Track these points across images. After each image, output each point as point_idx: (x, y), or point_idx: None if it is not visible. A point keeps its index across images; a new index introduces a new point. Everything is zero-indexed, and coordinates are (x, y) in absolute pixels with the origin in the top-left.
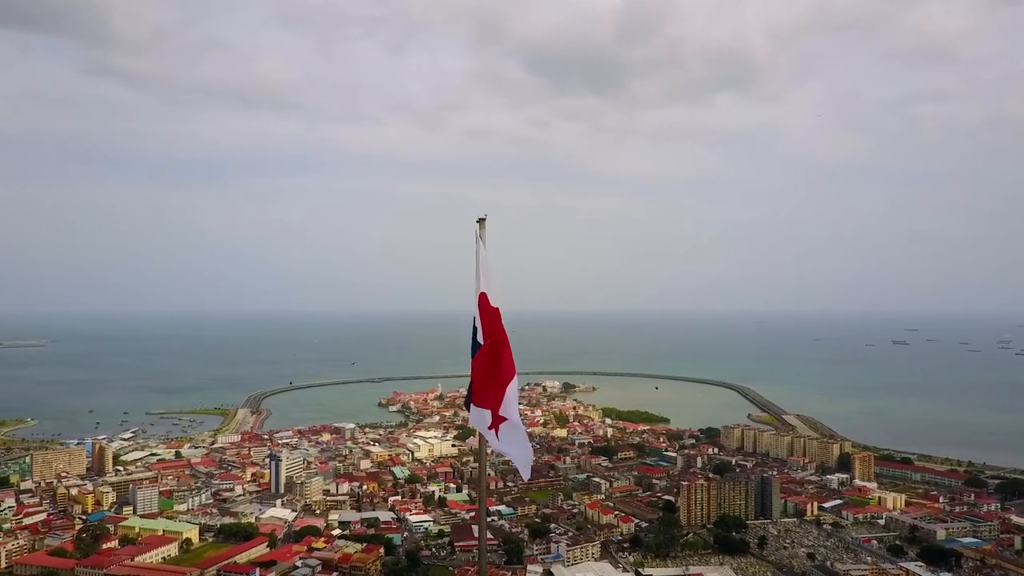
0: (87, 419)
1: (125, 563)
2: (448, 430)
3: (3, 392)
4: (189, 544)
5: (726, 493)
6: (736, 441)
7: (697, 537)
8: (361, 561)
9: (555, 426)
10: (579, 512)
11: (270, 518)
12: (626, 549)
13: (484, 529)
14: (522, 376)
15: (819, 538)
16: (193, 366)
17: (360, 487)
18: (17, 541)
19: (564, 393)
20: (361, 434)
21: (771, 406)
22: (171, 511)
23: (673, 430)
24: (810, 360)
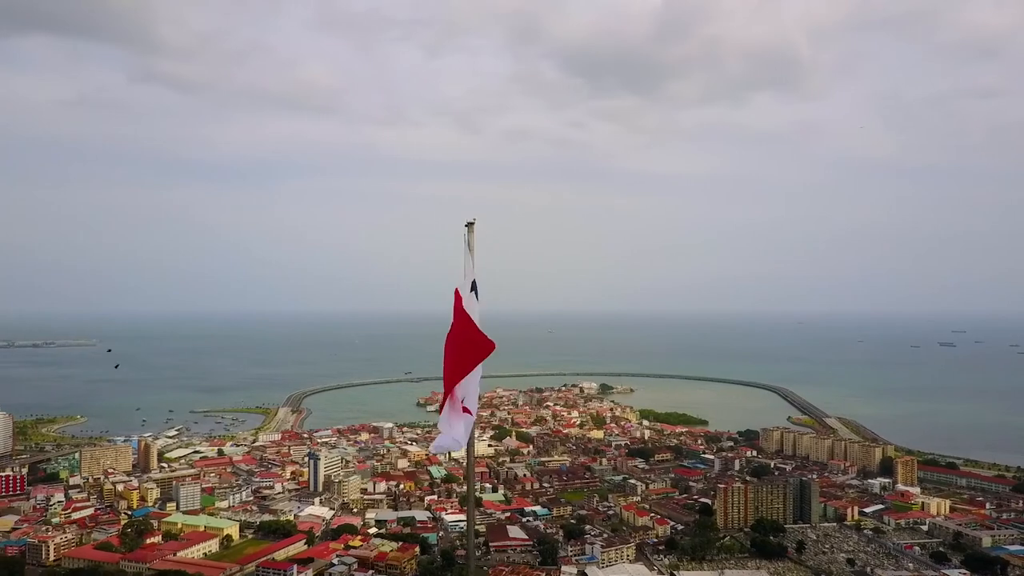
0: (134, 417)
1: (168, 558)
2: (485, 430)
3: (55, 390)
4: (229, 540)
5: (764, 496)
6: (775, 444)
7: (734, 541)
8: (396, 559)
9: (591, 427)
10: (614, 514)
11: (308, 516)
12: (661, 552)
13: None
14: (559, 377)
15: (859, 543)
16: (237, 366)
17: (397, 486)
18: (65, 535)
19: (601, 394)
20: (399, 433)
21: (812, 408)
22: (213, 508)
23: (711, 432)
24: (853, 362)
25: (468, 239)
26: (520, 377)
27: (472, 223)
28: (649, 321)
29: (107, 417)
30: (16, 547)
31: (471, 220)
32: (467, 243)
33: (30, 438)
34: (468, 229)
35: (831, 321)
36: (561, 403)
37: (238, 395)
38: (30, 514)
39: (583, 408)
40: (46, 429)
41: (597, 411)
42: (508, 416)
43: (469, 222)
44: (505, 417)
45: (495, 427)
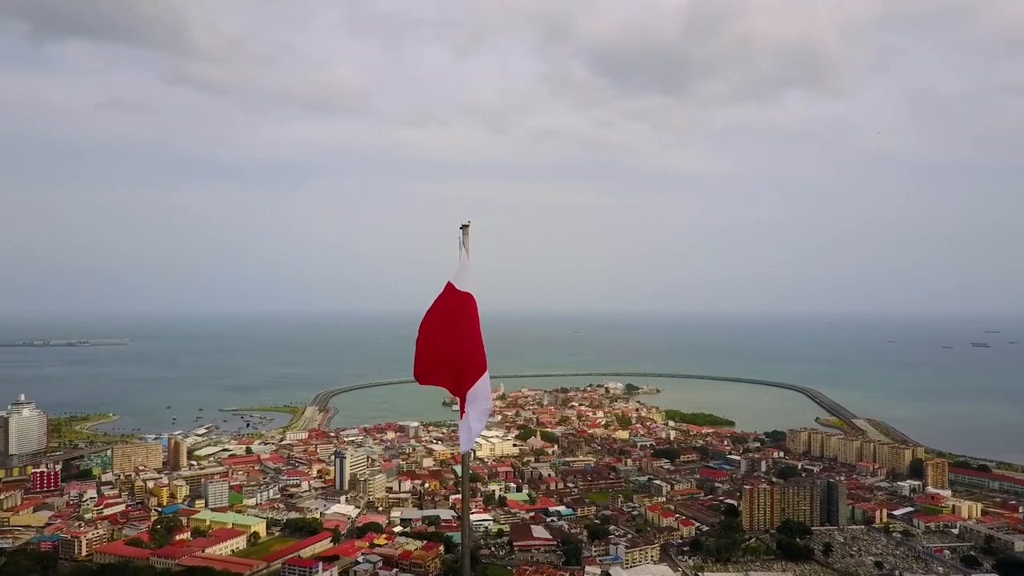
0: (165, 415)
1: (196, 554)
2: (510, 430)
3: (88, 388)
4: (257, 537)
5: (790, 498)
6: (803, 445)
7: (759, 542)
8: (421, 558)
9: (617, 428)
10: (639, 514)
11: (334, 514)
12: (686, 553)
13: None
14: (584, 377)
15: (888, 546)
16: (265, 365)
17: (422, 485)
18: (97, 531)
19: (627, 395)
20: (425, 432)
21: (840, 410)
22: (240, 505)
23: (738, 433)
24: (883, 363)
25: (463, 241)
26: (545, 377)
27: (467, 225)
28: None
29: (138, 415)
30: (50, 542)
31: (466, 223)
32: (462, 245)
33: (64, 435)
34: (463, 231)
35: (861, 321)
36: (586, 403)
37: (266, 394)
38: (63, 510)
39: (608, 408)
40: (79, 427)
41: (623, 411)
42: (533, 416)
43: (464, 224)
44: (530, 417)
45: (520, 427)
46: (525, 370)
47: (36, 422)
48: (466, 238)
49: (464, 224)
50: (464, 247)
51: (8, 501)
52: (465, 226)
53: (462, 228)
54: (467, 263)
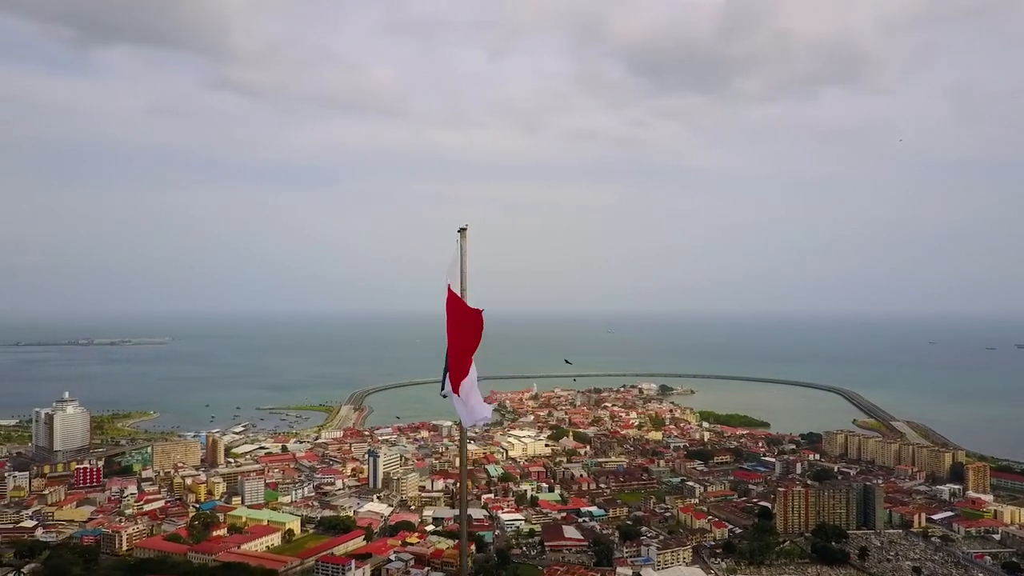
0: (203, 413)
1: (232, 550)
2: (542, 430)
3: (131, 386)
4: (291, 534)
5: (825, 501)
6: (839, 447)
7: (793, 545)
8: (452, 557)
9: (650, 429)
10: (671, 516)
11: (367, 512)
12: (718, 555)
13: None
14: (617, 378)
15: (926, 552)
16: (302, 364)
17: (454, 484)
18: (137, 526)
19: (661, 396)
20: (457, 432)
21: (878, 412)
22: (276, 502)
23: (773, 435)
24: (922, 364)
25: (461, 244)
26: (578, 377)
27: (464, 228)
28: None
29: (178, 413)
30: (92, 536)
31: (463, 226)
32: (460, 248)
33: (107, 432)
34: (461, 235)
35: (900, 321)
36: (619, 404)
37: (302, 393)
38: (105, 505)
39: (642, 409)
40: (121, 424)
41: (656, 412)
42: (565, 416)
43: (462, 228)
44: (562, 417)
45: (552, 427)
46: (557, 370)
47: (80, 419)
48: (464, 241)
49: (462, 227)
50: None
51: (52, 496)
52: (463, 229)
53: (460, 231)
54: (457, 266)
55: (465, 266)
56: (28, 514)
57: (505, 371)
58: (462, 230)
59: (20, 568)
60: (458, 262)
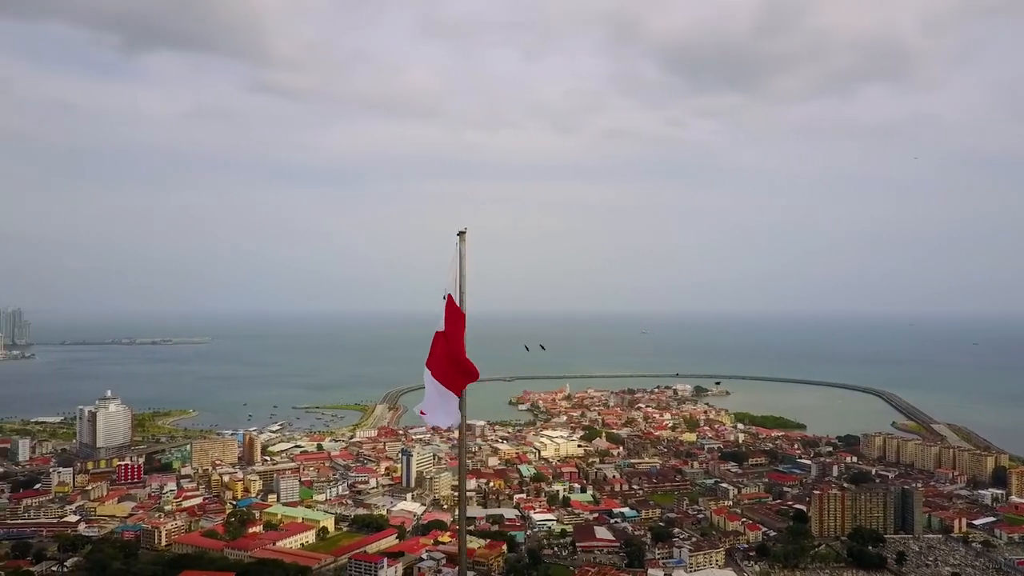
0: (241, 412)
1: (267, 547)
2: (575, 430)
3: (171, 385)
4: (325, 532)
5: (862, 504)
6: (877, 450)
7: (829, 549)
8: (484, 557)
9: (684, 430)
10: (704, 517)
11: (400, 511)
12: (752, 558)
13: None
14: (652, 379)
15: (967, 557)
16: (338, 364)
17: (487, 483)
18: (176, 522)
19: (695, 397)
20: (490, 431)
21: (918, 414)
22: (310, 500)
23: (809, 437)
24: (965, 365)
25: (460, 249)
26: (612, 378)
27: (464, 232)
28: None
29: (217, 411)
30: (132, 532)
31: (462, 229)
32: (459, 253)
33: (147, 430)
34: (460, 238)
35: (945, 322)
36: (653, 405)
37: (338, 392)
38: (145, 501)
39: (676, 410)
40: (161, 422)
41: (690, 413)
42: (599, 417)
43: (461, 231)
44: (595, 418)
45: (585, 427)
46: (591, 370)
47: (122, 417)
48: (463, 245)
49: (461, 231)
50: (460, 255)
51: (95, 492)
52: (462, 232)
53: (459, 235)
54: (456, 270)
55: (464, 270)
56: (72, 509)
57: (538, 371)
58: (461, 233)
59: (63, 562)
60: (457, 266)
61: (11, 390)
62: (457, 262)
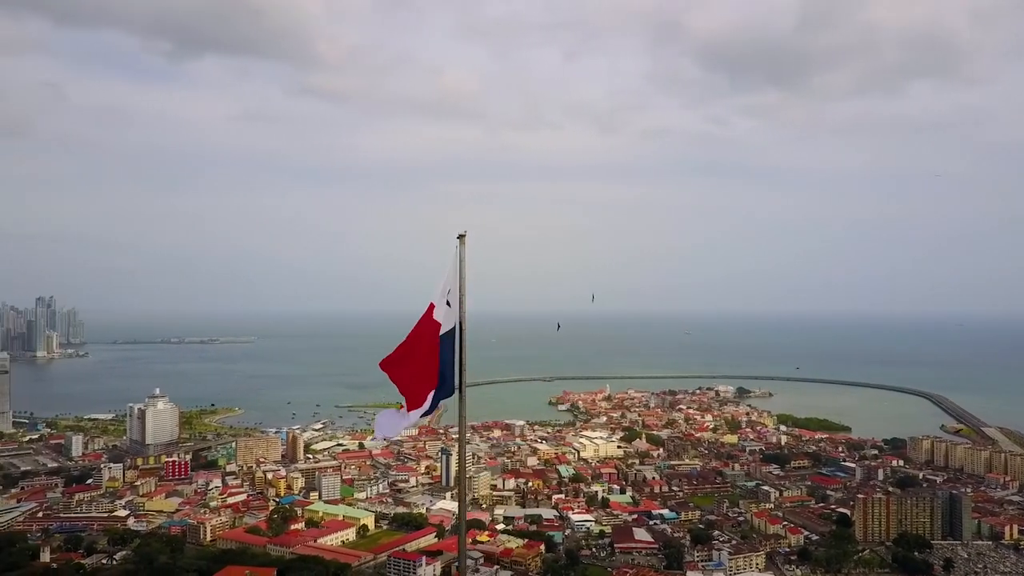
0: (285, 410)
1: (309, 544)
2: (615, 431)
3: (218, 383)
4: (365, 530)
5: (908, 509)
6: (925, 454)
7: (873, 555)
8: (522, 556)
9: (725, 432)
10: (745, 520)
11: (439, 510)
12: (793, 562)
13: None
14: (694, 379)
15: (1018, 565)
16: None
17: (525, 483)
18: (220, 518)
19: (738, 398)
20: (530, 431)
21: (969, 417)
22: (351, 498)
23: (854, 439)
24: (1018, 367)
25: (460, 252)
26: (653, 379)
27: (463, 235)
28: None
29: (261, 410)
30: (179, 527)
31: (462, 232)
32: (459, 256)
33: (194, 427)
34: (460, 241)
35: (996, 322)
36: (695, 406)
37: (381, 391)
38: (191, 497)
39: (717, 412)
40: (208, 420)
41: (732, 415)
42: (639, 418)
43: (460, 234)
44: (635, 419)
45: (625, 428)
46: (632, 371)
47: (169, 415)
48: (463, 248)
49: (460, 234)
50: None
51: (144, 487)
52: (462, 236)
53: (459, 238)
54: (456, 274)
55: (464, 273)
56: (121, 504)
57: (578, 372)
58: (461, 236)
59: (113, 555)
60: (456, 269)
61: (66, 388)
62: (457, 266)
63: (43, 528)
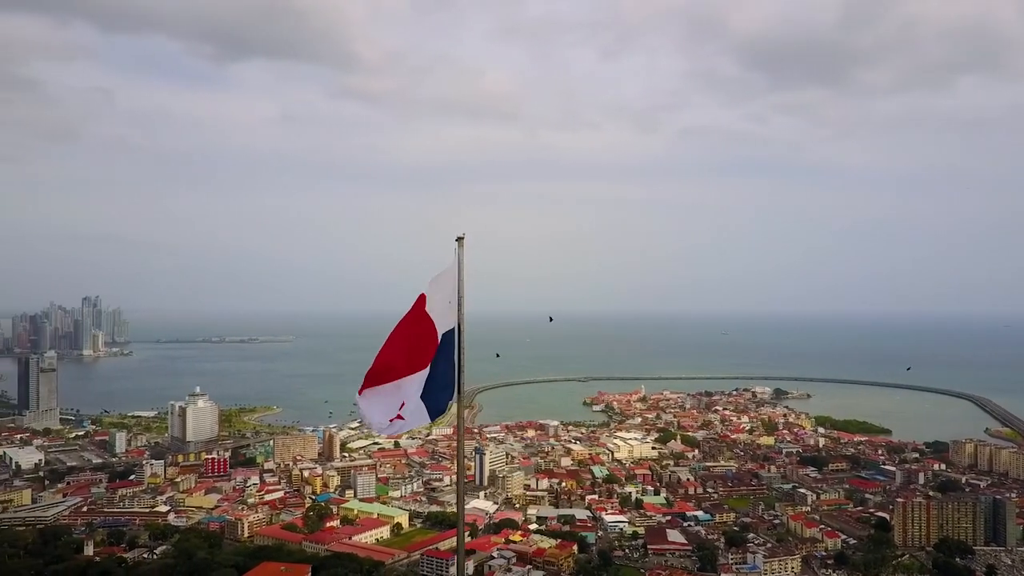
0: (322, 409)
1: (343, 541)
2: (649, 432)
3: (258, 382)
4: (399, 528)
5: (950, 514)
6: (968, 458)
7: (913, 560)
8: (554, 556)
9: (762, 433)
10: (780, 523)
11: (472, 509)
12: (830, 566)
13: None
14: (730, 380)
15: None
16: None
17: (559, 484)
18: (257, 514)
19: (775, 399)
20: (564, 432)
21: (1015, 420)
22: (386, 496)
23: (894, 442)
24: None
25: (459, 254)
26: (689, 380)
27: (462, 237)
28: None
29: (299, 408)
30: (217, 523)
31: (461, 235)
32: (457, 258)
33: (234, 425)
34: (458, 244)
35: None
36: (731, 407)
37: None
38: (230, 494)
39: (754, 413)
40: (247, 418)
41: (769, 416)
42: (674, 419)
43: (459, 236)
44: (671, 420)
45: (660, 429)
46: (668, 372)
47: (209, 412)
48: (461, 250)
49: (459, 236)
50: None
51: (184, 484)
52: (460, 238)
53: (457, 240)
54: (454, 275)
55: (463, 275)
56: (162, 500)
57: (613, 372)
58: (459, 239)
59: (153, 549)
60: (455, 271)
61: (111, 385)
62: (456, 268)
63: (87, 522)
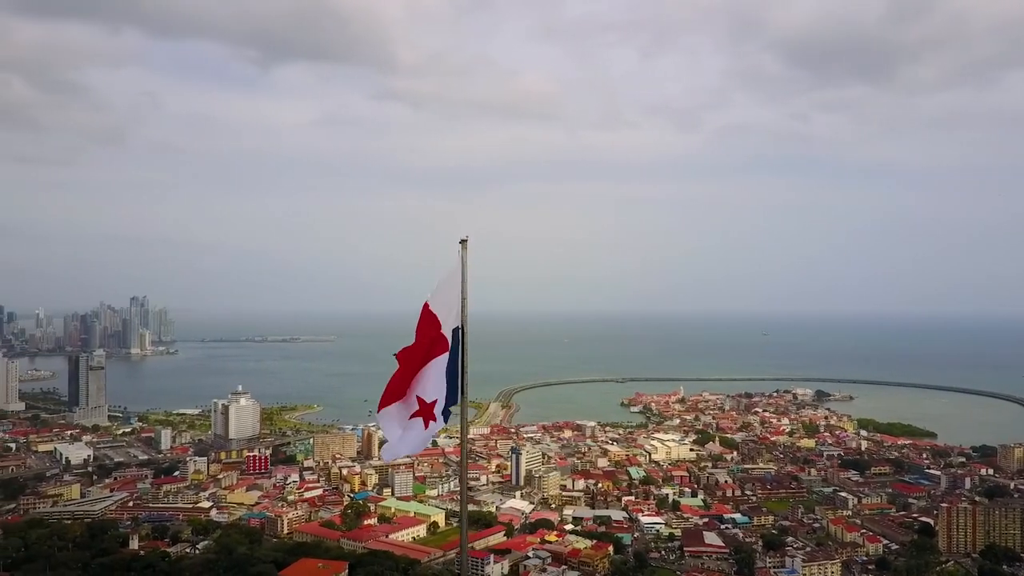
0: (362, 408)
1: (381, 539)
2: (687, 434)
3: (300, 381)
4: (436, 527)
5: (997, 520)
6: (1017, 462)
7: (957, 566)
8: (589, 557)
9: (802, 436)
10: (820, 527)
11: (509, 508)
12: (871, 571)
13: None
14: (771, 382)
15: None
16: None
17: (595, 484)
18: (297, 512)
19: (816, 402)
20: (601, 432)
21: None
22: (423, 495)
23: (939, 446)
24: None
25: (462, 257)
26: (728, 381)
27: (465, 240)
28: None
29: (339, 407)
30: (258, 519)
31: (464, 237)
32: (461, 261)
33: (275, 423)
34: (462, 246)
35: None
36: (771, 409)
37: None
38: (270, 491)
39: (795, 415)
40: (288, 416)
41: (810, 419)
42: (713, 421)
43: (463, 239)
44: (709, 422)
45: (698, 431)
46: (708, 373)
47: (251, 411)
48: (465, 253)
49: (463, 239)
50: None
51: (226, 480)
52: (464, 240)
53: (461, 243)
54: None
55: (466, 278)
56: (205, 496)
57: (651, 373)
58: (463, 241)
59: (196, 544)
60: (458, 274)
61: (157, 384)
62: (459, 271)
63: (133, 517)
